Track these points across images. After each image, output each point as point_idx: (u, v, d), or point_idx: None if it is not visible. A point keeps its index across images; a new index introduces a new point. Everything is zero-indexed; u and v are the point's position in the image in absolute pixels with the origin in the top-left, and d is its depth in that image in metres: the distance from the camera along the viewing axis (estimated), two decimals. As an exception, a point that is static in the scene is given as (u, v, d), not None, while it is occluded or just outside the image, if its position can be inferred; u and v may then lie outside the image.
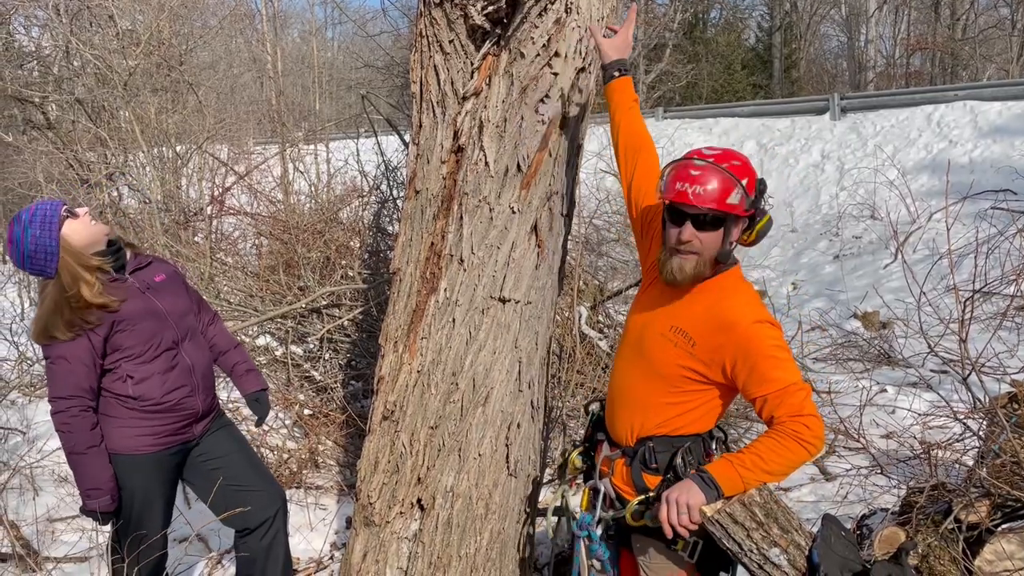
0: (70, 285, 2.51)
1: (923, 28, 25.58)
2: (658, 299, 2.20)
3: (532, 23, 2.38)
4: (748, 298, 2.08)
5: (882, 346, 6.08)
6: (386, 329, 2.77)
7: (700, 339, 2.05)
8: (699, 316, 2.07)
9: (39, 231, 2.49)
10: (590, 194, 9.52)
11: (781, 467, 1.94)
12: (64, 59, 8.51)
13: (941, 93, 11.33)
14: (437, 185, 2.63)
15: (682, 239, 2.00)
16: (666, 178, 2.04)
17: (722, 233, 2.02)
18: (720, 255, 2.05)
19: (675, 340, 2.09)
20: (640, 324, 2.25)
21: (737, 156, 2.05)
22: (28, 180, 7.72)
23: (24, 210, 2.58)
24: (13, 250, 2.53)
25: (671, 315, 2.14)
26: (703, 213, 1.97)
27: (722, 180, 1.95)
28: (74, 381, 2.56)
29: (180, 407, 2.76)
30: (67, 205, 2.59)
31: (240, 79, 15.18)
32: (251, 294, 6.28)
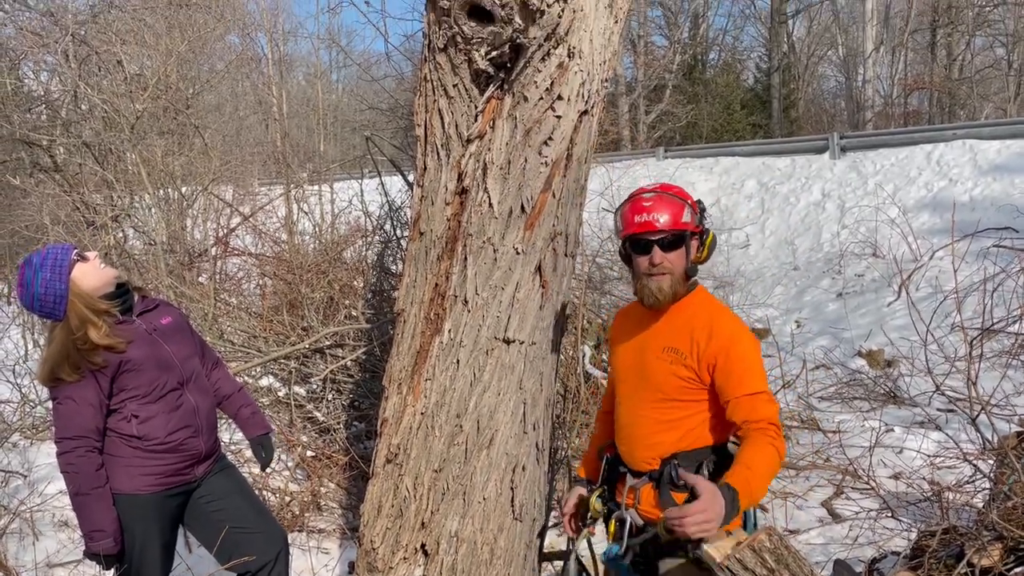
0: (78, 328, 2.52)
1: (920, 68, 25.89)
2: (642, 331, 2.40)
3: (535, 67, 2.41)
4: (724, 309, 2.33)
5: (888, 385, 6.04)
6: (390, 371, 2.76)
7: (688, 349, 2.25)
8: (683, 330, 2.28)
9: (49, 275, 2.51)
10: (593, 233, 9.55)
11: (770, 472, 2.04)
12: (72, 103, 8.63)
13: (939, 132, 11.42)
14: (441, 227, 2.63)
15: (654, 262, 2.25)
16: (623, 217, 2.32)
17: (684, 251, 2.28)
18: (688, 270, 2.30)
19: (669, 358, 2.28)
20: (633, 357, 2.41)
21: (672, 186, 2.34)
22: (35, 223, 7.77)
23: (35, 253, 2.60)
24: (23, 293, 2.55)
25: (660, 338, 2.33)
26: (665, 236, 2.23)
27: (673, 204, 2.25)
28: (81, 422, 2.56)
29: (183, 448, 2.76)
30: (78, 249, 2.62)
31: (245, 121, 15.36)
32: (254, 335, 6.27)
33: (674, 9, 27.33)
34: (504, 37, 2.33)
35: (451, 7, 2.33)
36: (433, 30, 2.48)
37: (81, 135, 8.18)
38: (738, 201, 12.49)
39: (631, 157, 15.69)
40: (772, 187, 12.34)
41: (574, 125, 2.56)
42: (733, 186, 12.84)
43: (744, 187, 12.73)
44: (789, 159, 12.85)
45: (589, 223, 9.46)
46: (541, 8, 2.28)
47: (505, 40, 2.34)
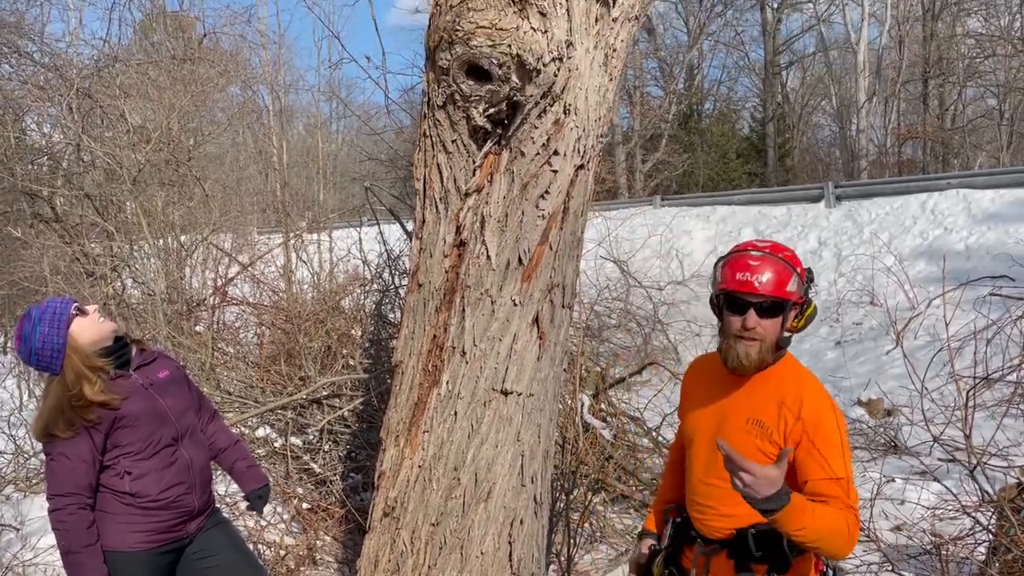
0: (73, 383, 2.52)
1: (913, 118, 26.29)
2: (725, 395, 2.26)
3: (532, 124, 2.46)
4: (814, 384, 2.17)
5: (888, 434, 6.01)
6: (388, 423, 2.75)
7: (775, 425, 2.11)
8: (770, 403, 2.14)
9: (47, 328, 2.52)
10: (590, 282, 9.59)
11: (831, 529, 1.91)
12: (74, 154, 8.73)
13: (934, 181, 11.56)
14: (440, 278, 2.66)
15: (747, 326, 2.10)
16: (723, 270, 2.17)
17: (780, 320, 2.14)
18: (780, 340, 2.16)
19: (753, 431, 2.15)
20: (715, 422, 2.26)
21: (786, 248, 2.19)
22: (34, 274, 7.80)
23: (35, 307, 2.61)
24: (21, 346, 2.56)
25: (744, 408, 2.19)
26: (764, 301, 2.09)
27: (780, 269, 2.09)
28: (74, 479, 2.54)
29: (176, 504, 2.73)
30: (77, 303, 2.63)
31: (246, 171, 15.52)
32: (251, 384, 6.26)
33: (669, 61, 27.85)
34: (501, 95, 2.38)
35: (450, 66, 2.39)
36: (432, 88, 2.54)
37: (83, 186, 8.26)
38: (735, 249, 12.56)
39: (628, 205, 15.83)
40: (769, 235, 12.42)
41: (570, 179, 2.60)
42: (730, 234, 12.93)
43: (741, 235, 12.81)
44: (785, 207, 12.97)
45: (587, 272, 9.51)
46: (537, 67, 2.33)
47: (502, 98, 2.39)
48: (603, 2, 2.53)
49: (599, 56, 2.58)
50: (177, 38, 12.90)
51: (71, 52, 11.79)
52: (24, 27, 10.41)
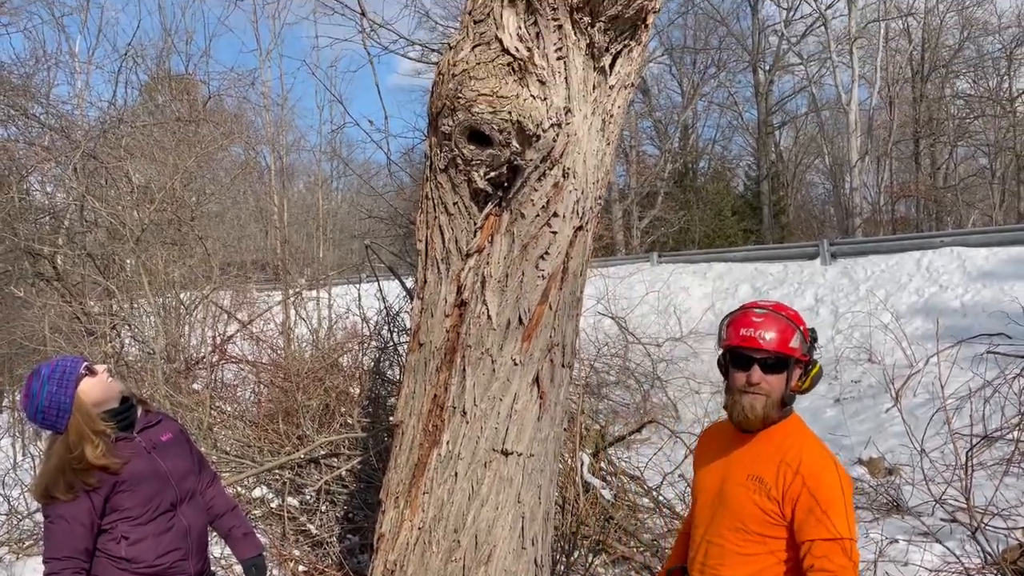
0: (75, 444, 2.51)
1: (906, 176, 26.70)
2: (727, 454, 2.30)
3: (532, 186, 2.52)
4: (817, 443, 2.21)
5: (889, 494, 5.96)
6: (387, 484, 2.74)
7: (774, 481, 2.13)
8: (771, 460, 2.16)
9: (55, 387, 2.53)
10: (589, 339, 9.61)
11: None
12: (77, 213, 8.83)
13: (928, 239, 11.68)
14: (441, 338, 2.68)
15: (751, 381, 2.16)
16: (728, 328, 2.23)
17: (785, 376, 2.18)
18: (785, 397, 2.20)
19: (753, 487, 2.17)
20: (718, 479, 2.30)
21: (788, 308, 2.25)
22: (35, 333, 7.81)
23: (45, 364, 2.62)
24: (28, 403, 2.56)
25: (747, 464, 2.22)
26: (769, 356, 2.14)
27: (783, 326, 2.16)
28: (71, 543, 2.51)
29: (172, 571, 2.69)
30: (88, 362, 2.64)
31: (246, 229, 15.66)
32: (248, 444, 6.21)
33: (664, 120, 28.38)
34: (502, 159, 2.44)
35: (452, 131, 2.46)
36: (435, 152, 2.60)
37: (85, 245, 8.33)
38: (732, 306, 12.53)
39: (626, 262, 15.94)
40: (765, 292, 12.48)
41: (569, 240, 2.65)
42: (727, 291, 12.99)
43: (738, 292, 12.88)
44: (781, 265, 13.06)
45: (586, 329, 9.52)
46: (537, 133, 2.40)
47: (503, 162, 2.45)
48: (600, 71, 2.61)
49: (596, 122, 2.65)
50: (182, 100, 13.16)
51: (77, 114, 12.03)
52: (31, 90, 10.64)
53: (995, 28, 23.76)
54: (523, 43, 2.42)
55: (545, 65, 2.45)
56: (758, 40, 26.98)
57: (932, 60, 23.89)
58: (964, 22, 23.96)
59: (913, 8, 23.48)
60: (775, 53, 26.79)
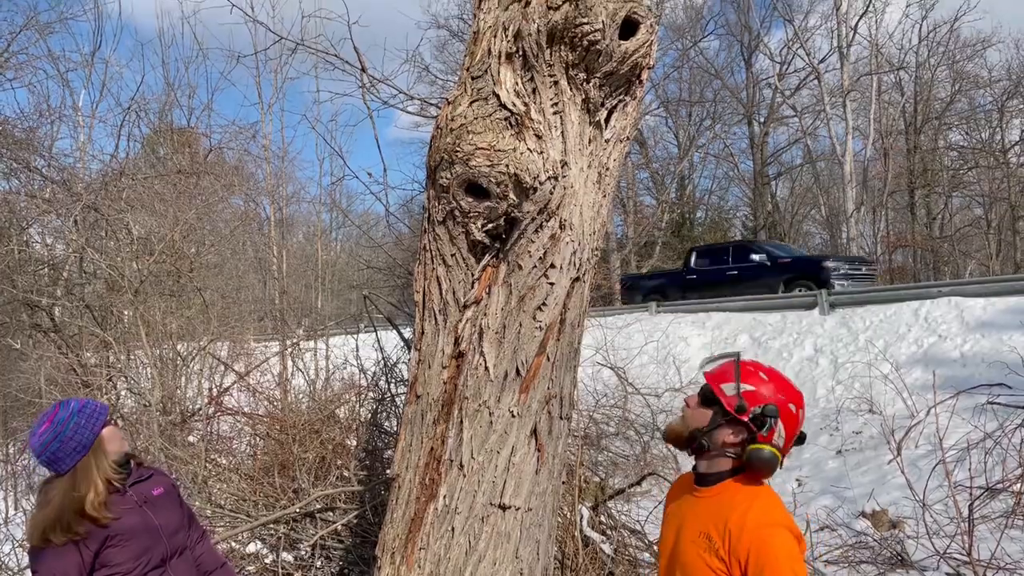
0: (79, 486, 2.50)
1: (902, 226, 26.90)
2: (686, 509, 2.29)
3: (529, 238, 2.53)
4: (767, 501, 2.12)
5: (893, 548, 5.87)
6: (383, 539, 2.70)
7: (720, 540, 2.08)
8: (718, 516, 2.12)
9: (84, 421, 2.52)
10: (588, 390, 9.55)
11: None
12: (76, 265, 8.85)
13: (925, 289, 11.72)
14: (438, 390, 2.66)
15: (686, 401, 2.29)
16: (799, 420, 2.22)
17: (710, 413, 2.20)
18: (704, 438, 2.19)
19: (703, 545, 2.13)
20: (673, 536, 2.29)
21: (765, 369, 2.22)
22: (30, 385, 7.77)
23: (74, 400, 2.62)
24: (48, 429, 2.52)
25: (699, 520, 2.19)
26: (705, 385, 2.23)
27: (730, 370, 2.21)
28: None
29: None
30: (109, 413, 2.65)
31: (245, 279, 15.69)
32: (243, 498, 6.13)
33: (661, 172, 28.69)
34: (499, 211, 2.46)
35: (450, 184, 2.48)
36: (433, 204, 2.62)
37: (83, 297, 8.33)
38: (731, 356, 12.58)
39: (624, 312, 15.95)
40: (765, 342, 12.47)
41: (567, 291, 2.65)
42: (726, 341, 12.97)
43: (737, 342, 12.86)
44: (780, 314, 13.07)
45: (584, 380, 9.48)
46: (534, 186, 2.42)
47: (500, 214, 2.47)
48: (596, 125, 2.65)
49: (593, 174, 2.68)
50: (183, 152, 13.31)
51: (79, 167, 12.14)
52: (35, 143, 10.76)
53: (986, 81, 24.22)
54: (520, 98, 2.46)
55: (541, 120, 2.49)
56: (752, 93, 27.46)
57: (925, 112, 24.28)
58: (955, 75, 24.42)
59: (904, 62, 23.95)
60: (769, 105, 27.24)
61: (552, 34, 2.52)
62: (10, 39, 11.86)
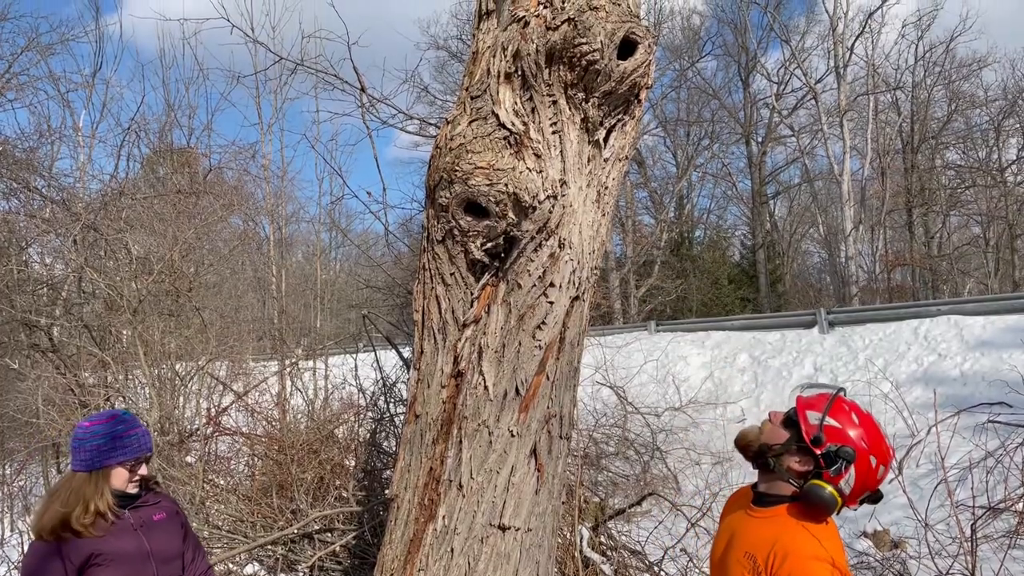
0: (70, 499, 2.54)
1: (900, 245, 26.94)
2: (736, 525, 2.26)
3: (528, 257, 2.53)
4: (816, 532, 2.06)
5: (895, 568, 5.82)
6: (382, 560, 2.67)
7: (764, 563, 2.04)
8: (766, 541, 2.08)
9: (106, 446, 2.58)
10: (588, 409, 9.52)
11: None
12: (75, 284, 8.85)
13: (924, 308, 11.70)
14: (437, 409, 2.65)
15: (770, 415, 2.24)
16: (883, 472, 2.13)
17: (790, 435, 2.15)
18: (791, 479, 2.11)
19: (747, 565, 2.10)
20: (721, 551, 2.26)
21: (864, 417, 2.16)
22: (27, 406, 7.74)
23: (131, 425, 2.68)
24: (86, 428, 2.61)
25: (745, 541, 2.17)
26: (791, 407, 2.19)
27: (822, 400, 2.17)
28: None
29: None
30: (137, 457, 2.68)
31: (244, 299, 15.68)
32: (241, 518, 6.08)
33: (659, 191, 28.76)
34: (499, 230, 2.47)
35: (449, 203, 2.48)
36: (432, 223, 2.62)
37: (82, 317, 8.32)
38: (731, 375, 12.55)
39: (624, 331, 15.94)
40: (764, 361, 12.44)
41: (566, 310, 2.65)
42: (726, 359, 12.95)
43: (736, 361, 12.84)
44: (779, 333, 13.05)
45: (584, 399, 9.45)
46: (533, 204, 2.43)
47: (499, 233, 2.47)
48: (595, 144, 2.66)
49: (592, 193, 2.68)
50: (183, 172, 13.34)
51: (79, 187, 12.16)
52: (34, 163, 10.79)
53: (982, 101, 24.34)
54: (519, 118, 2.47)
55: (540, 139, 2.50)
56: (750, 113, 27.60)
57: (922, 132, 24.38)
58: (951, 95, 24.55)
59: (901, 82, 24.09)
60: (767, 125, 27.37)
61: (551, 54, 2.53)
62: (11, 60, 11.92)
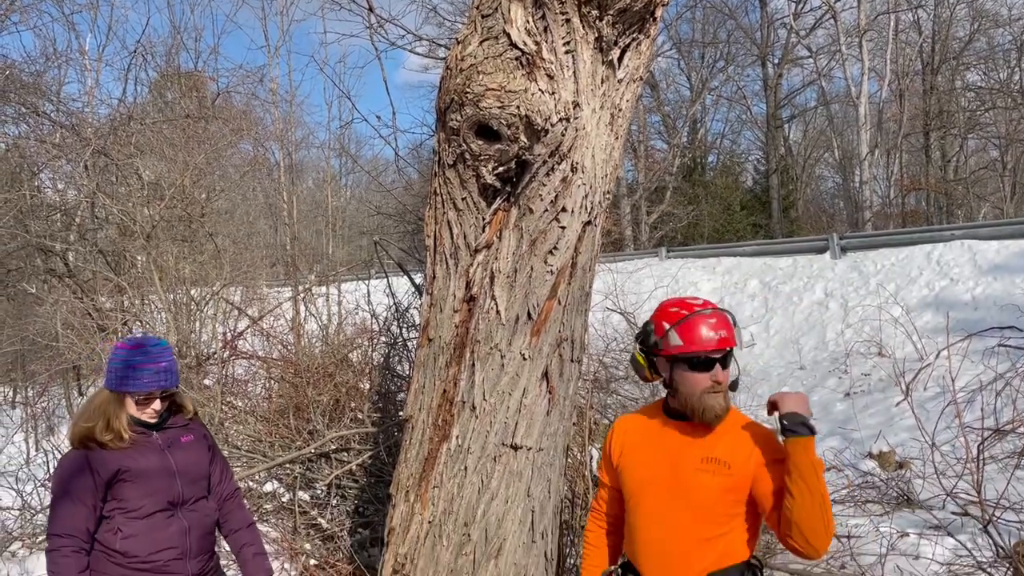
0: (95, 414, 2.65)
1: (916, 169, 26.52)
2: (670, 442, 2.29)
3: (540, 181, 2.52)
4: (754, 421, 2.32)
5: (900, 487, 5.94)
6: (397, 478, 2.75)
7: (734, 458, 2.19)
8: (728, 439, 2.22)
9: (126, 374, 2.64)
10: (598, 334, 9.59)
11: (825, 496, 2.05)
12: (88, 211, 8.87)
13: (938, 232, 11.61)
14: (450, 333, 2.69)
15: (719, 380, 2.21)
16: (684, 333, 2.22)
17: (731, 367, 2.27)
18: (731, 385, 2.26)
19: (712, 469, 2.20)
20: (660, 470, 2.27)
21: (710, 302, 2.31)
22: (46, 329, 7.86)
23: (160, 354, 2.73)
24: (121, 346, 2.71)
25: (698, 450, 2.24)
26: (724, 354, 2.21)
27: (728, 320, 2.24)
28: (72, 521, 2.56)
29: (167, 569, 2.69)
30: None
31: (256, 225, 15.70)
32: (259, 439, 6.24)
33: (673, 115, 28.27)
34: (510, 154, 2.45)
35: (460, 127, 2.46)
36: (443, 148, 2.60)
37: (96, 242, 8.37)
38: (741, 300, 12.58)
39: (634, 257, 15.92)
40: (775, 286, 12.44)
41: (578, 235, 2.65)
42: (736, 285, 12.96)
43: (747, 287, 12.85)
44: (790, 259, 13.01)
45: (594, 325, 9.50)
46: (545, 127, 2.40)
47: (511, 157, 2.45)
48: (608, 64, 2.60)
49: (605, 116, 2.65)
50: (191, 97, 13.20)
51: (87, 111, 12.06)
52: (42, 87, 10.68)
53: (1005, 20, 23.58)
54: (531, 37, 2.42)
55: (553, 59, 2.45)
56: (767, 33, 26.84)
57: (942, 52, 23.72)
58: (974, 14, 23.78)
59: (923, 0, 23.30)
60: (784, 46, 26.64)
61: (564, -29, 2.46)
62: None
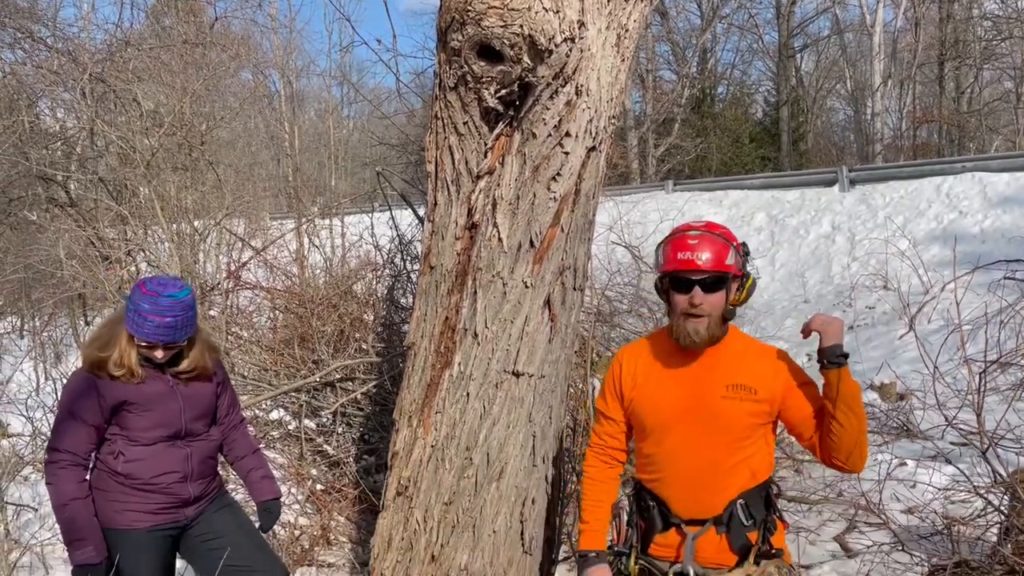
0: (109, 345, 2.69)
1: (929, 101, 26.00)
2: (692, 374, 2.29)
3: (543, 105, 2.46)
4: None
5: (900, 418, 5.99)
6: (400, 403, 2.77)
7: (759, 383, 2.21)
8: (748, 364, 2.25)
9: (138, 319, 2.63)
10: (602, 266, 9.57)
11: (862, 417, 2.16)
12: (88, 139, 8.77)
13: (949, 165, 11.45)
14: (451, 261, 2.67)
15: (694, 303, 2.17)
16: (665, 252, 2.24)
17: (724, 293, 2.21)
18: (726, 313, 2.23)
19: (739, 396, 2.21)
20: (689, 401, 2.26)
21: (720, 226, 2.27)
22: (49, 257, 7.86)
23: (178, 300, 2.70)
24: (142, 283, 2.70)
25: (720, 377, 2.25)
26: (708, 276, 2.17)
27: (718, 245, 2.18)
28: (73, 439, 2.63)
29: (168, 491, 2.77)
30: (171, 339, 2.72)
31: (258, 156, 15.55)
32: (265, 368, 6.30)
33: (682, 44, 27.63)
34: (513, 76, 2.38)
35: (461, 47, 2.39)
36: (444, 69, 2.54)
37: (96, 171, 8.29)
38: (748, 234, 12.51)
39: (640, 190, 15.78)
40: (781, 220, 12.36)
41: (582, 161, 2.60)
42: (743, 219, 12.87)
43: (753, 220, 12.76)
44: (798, 192, 12.89)
45: (598, 256, 9.47)
46: (549, 48, 2.33)
47: (514, 79, 2.39)
48: (615, -18, 2.51)
49: (611, 36, 2.57)
50: (188, 22, 12.89)
51: (84, 37, 11.83)
52: (37, 12, 10.45)
53: (1028, -55, 22.75)
54: (535, -47, 2.32)
55: (558, -24, 2.36)
56: (781, -42, 26.00)
57: (961, -22, 22.99)
58: (996, -61, 22.95)
59: (943, -76, 22.49)
60: (798, -28, 25.85)
61: None
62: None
